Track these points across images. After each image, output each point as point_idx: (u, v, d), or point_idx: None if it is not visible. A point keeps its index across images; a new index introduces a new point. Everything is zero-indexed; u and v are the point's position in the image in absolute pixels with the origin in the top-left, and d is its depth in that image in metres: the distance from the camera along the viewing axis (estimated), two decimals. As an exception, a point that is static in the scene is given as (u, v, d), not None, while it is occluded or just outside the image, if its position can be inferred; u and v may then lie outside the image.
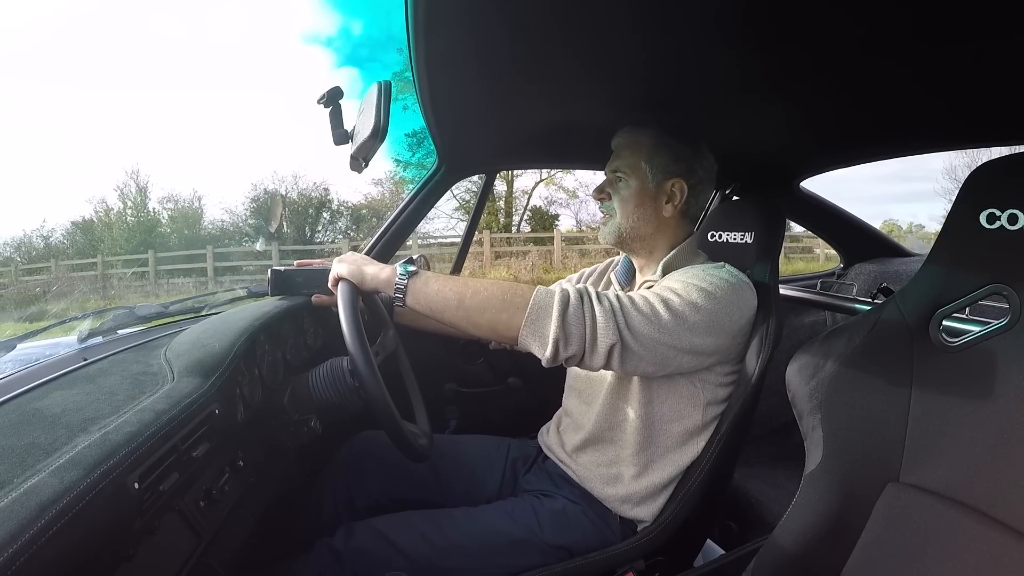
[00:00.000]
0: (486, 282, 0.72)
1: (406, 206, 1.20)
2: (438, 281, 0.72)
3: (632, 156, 0.87)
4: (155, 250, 11.23)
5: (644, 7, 0.53)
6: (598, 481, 0.87)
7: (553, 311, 0.67)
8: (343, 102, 0.83)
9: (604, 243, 0.93)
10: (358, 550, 0.76)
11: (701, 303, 0.73)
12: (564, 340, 0.67)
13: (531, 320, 0.68)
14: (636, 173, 0.87)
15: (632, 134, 0.89)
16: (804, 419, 0.68)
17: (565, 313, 0.67)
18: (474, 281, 0.72)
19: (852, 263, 1.74)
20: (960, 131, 0.93)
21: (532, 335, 0.68)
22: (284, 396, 0.75)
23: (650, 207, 0.88)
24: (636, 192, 0.87)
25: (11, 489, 0.36)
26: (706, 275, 0.77)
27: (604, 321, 0.68)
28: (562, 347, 0.67)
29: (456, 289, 0.71)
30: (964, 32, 0.55)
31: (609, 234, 0.91)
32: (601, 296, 0.71)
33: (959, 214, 0.57)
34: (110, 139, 27.35)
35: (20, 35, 29.42)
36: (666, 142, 0.87)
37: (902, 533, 0.56)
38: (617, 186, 0.89)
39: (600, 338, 0.67)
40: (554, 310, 0.67)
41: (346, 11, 36.88)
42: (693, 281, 0.76)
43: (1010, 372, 0.52)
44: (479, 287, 0.71)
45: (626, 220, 0.88)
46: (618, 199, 0.89)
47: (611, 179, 0.90)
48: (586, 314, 0.68)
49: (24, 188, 24.55)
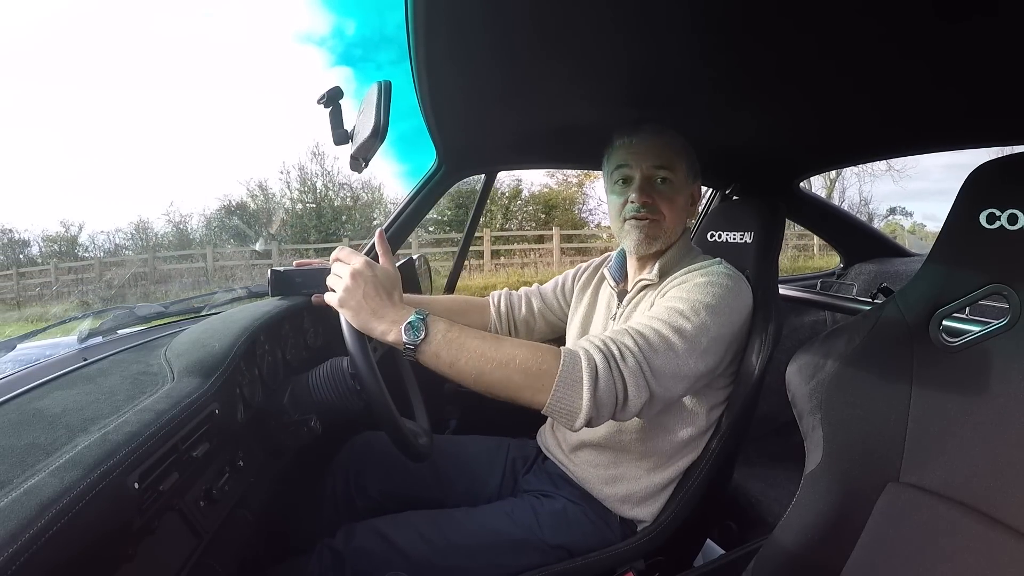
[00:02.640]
0: (505, 349, 0.63)
1: (405, 207, 1.20)
2: (450, 350, 0.63)
3: (673, 157, 0.84)
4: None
5: (645, 7, 0.53)
6: (598, 481, 0.87)
7: (584, 387, 0.61)
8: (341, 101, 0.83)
9: (638, 252, 0.87)
10: (358, 550, 0.76)
11: (710, 323, 0.71)
12: (596, 413, 0.63)
13: (558, 397, 0.62)
14: (678, 175, 0.85)
15: (661, 135, 0.84)
16: (804, 419, 0.68)
17: (596, 388, 0.62)
18: (491, 349, 0.63)
19: (852, 263, 1.74)
20: (960, 131, 0.93)
21: (560, 412, 0.62)
22: (284, 396, 0.75)
23: (684, 210, 0.88)
24: (682, 195, 0.86)
25: (11, 489, 0.36)
26: (708, 284, 0.75)
27: (634, 383, 0.64)
28: (594, 420, 0.63)
29: (474, 364, 0.62)
30: (965, 31, 0.55)
31: (654, 239, 0.85)
32: (624, 351, 0.65)
33: (959, 214, 0.57)
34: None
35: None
36: (687, 144, 0.87)
37: (902, 533, 0.56)
38: (660, 188, 0.84)
39: (632, 399, 0.64)
40: (584, 386, 0.61)
41: (340, 11, 36.97)
42: (698, 297, 0.73)
43: (1010, 372, 0.52)
44: (498, 358, 0.62)
45: (674, 225, 0.86)
46: (666, 203, 0.84)
47: (651, 177, 0.84)
48: (616, 383, 0.63)
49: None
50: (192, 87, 29.36)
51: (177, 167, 24.00)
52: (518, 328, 1.11)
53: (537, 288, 1.13)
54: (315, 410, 0.74)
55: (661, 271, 0.85)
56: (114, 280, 10.68)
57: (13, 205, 26.18)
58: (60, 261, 13.36)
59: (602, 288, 1.00)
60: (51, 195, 25.84)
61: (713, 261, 0.84)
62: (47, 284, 10.83)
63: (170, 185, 27.40)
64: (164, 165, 24.34)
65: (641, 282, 0.88)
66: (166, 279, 10.58)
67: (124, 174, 24.52)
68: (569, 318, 1.04)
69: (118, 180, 25.92)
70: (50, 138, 27.45)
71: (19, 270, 11.99)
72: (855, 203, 15.26)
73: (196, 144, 26.99)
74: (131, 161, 24.44)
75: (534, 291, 1.12)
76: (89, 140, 28.21)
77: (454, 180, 1.21)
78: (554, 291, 1.10)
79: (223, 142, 27.85)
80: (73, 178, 26.06)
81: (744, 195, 1.36)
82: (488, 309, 1.10)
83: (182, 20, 31.85)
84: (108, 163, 25.90)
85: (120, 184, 25.49)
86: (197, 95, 27.91)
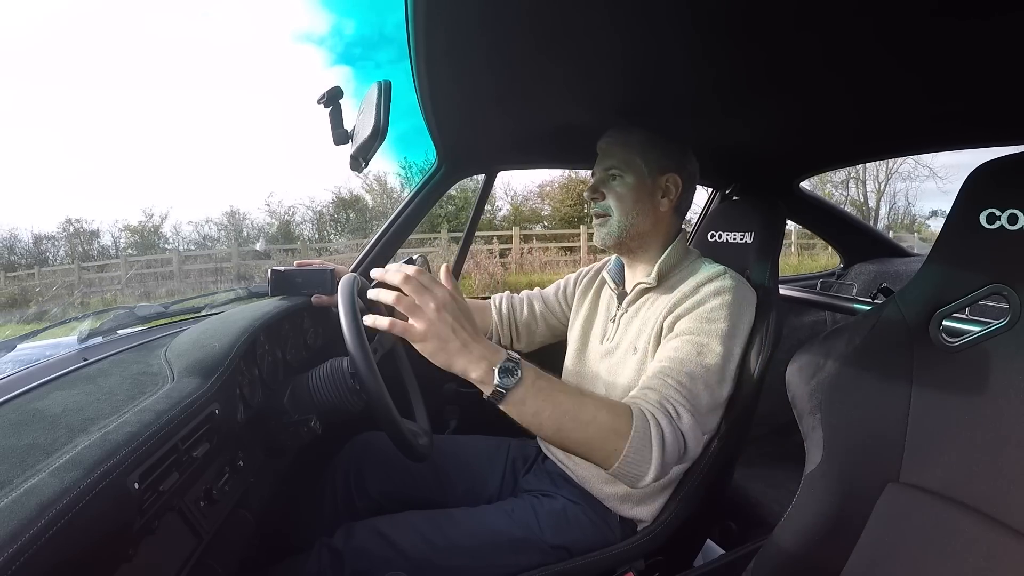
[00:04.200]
0: (588, 410, 0.64)
1: (406, 206, 1.20)
2: (537, 399, 0.62)
3: (625, 153, 0.87)
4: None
5: (644, 7, 0.53)
6: (597, 480, 0.87)
7: (653, 455, 0.64)
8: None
9: (601, 246, 0.91)
10: (358, 550, 0.76)
11: (732, 348, 0.76)
12: (662, 473, 0.65)
13: (628, 463, 0.64)
14: (632, 168, 0.86)
15: (620, 133, 0.88)
16: (804, 419, 0.68)
17: (664, 452, 0.64)
18: (576, 407, 0.63)
19: (852, 263, 1.74)
20: (960, 131, 0.93)
21: (626, 475, 0.65)
22: (284, 396, 0.75)
23: (648, 202, 0.87)
24: (633, 188, 0.86)
25: (11, 489, 0.36)
26: (722, 307, 0.76)
27: (693, 436, 0.68)
28: (659, 479, 0.66)
29: (556, 418, 0.62)
30: (964, 30, 0.55)
31: (608, 235, 0.89)
32: (680, 409, 0.68)
33: (959, 214, 0.57)
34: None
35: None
36: (655, 139, 0.87)
37: (902, 533, 0.56)
38: (611, 184, 0.88)
39: (691, 451, 0.69)
40: (654, 455, 0.64)
41: (339, 10, 37.04)
42: (717, 326, 0.75)
43: (1010, 372, 0.52)
44: (581, 418, 0.63)
45: (625, 217, 0.87)
46: (614, 197, 0.87)
47: (603, 177, 0.89)
48: (679, 443, 0.67)
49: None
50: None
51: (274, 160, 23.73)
52: (519, 330, 1.11)
53: (539, 291, 1.13)
54: (315, 410, 0.74)
55: (659, 274, 0.85)
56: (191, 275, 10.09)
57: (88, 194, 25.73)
58: (131, 255, 13.14)
59: (603, 291, 1.00)
60: (134, 183, 25.58)
61: (717, 270, 0.82)
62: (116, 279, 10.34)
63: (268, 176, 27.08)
64: (262, 156, 24.11)
65: (640, 285, 0.88)
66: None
67: (220, 162, 24.58)
68: (570, 321, 1.05)
69: (208, 169, 25.82)
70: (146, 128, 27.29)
71: (84, 264, 11.56)
72: (900, 208, 15.77)
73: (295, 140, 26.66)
74: (229, 149, 24.33)
75: (535, 294, 1.12)
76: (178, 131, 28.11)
77: (454, 180, 1.21)
78: (556, 294, 1.10)
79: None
80: (162, 166, 25.76)
81: (744, 195, 1.36)
82: (489, 311, 1.10)
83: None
84: (201, 151, 25.75)
85: (212, 173, 25.39)
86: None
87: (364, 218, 13.67)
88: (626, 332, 0.88)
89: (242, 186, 27.99)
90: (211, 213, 19.58)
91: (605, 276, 0.99)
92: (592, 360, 0.94)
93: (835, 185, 16.19)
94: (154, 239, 14.92)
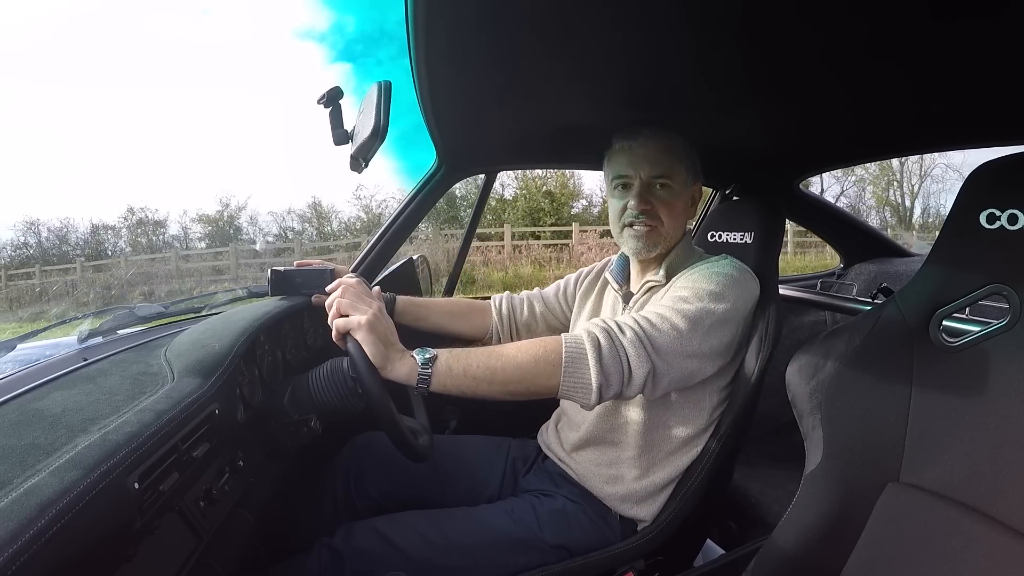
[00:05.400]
0: (510, 348, 0.68)
1: (405, 207, 1.20)
2: (460, 361, 0.67)
3: (671, 160, 0.85)
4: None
5: (644, 7, 0.53)
6: (598, 480, 0.87)
7: (589, 359, 0.66)
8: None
9: (638, 257, 0.89)
10: (358, 550, 0.76)
11: (713, 306, 0.74)
12: (606, 383, 0.67)
13: (568, 374, 0.66)
14: (677, 177, 0.85)
15: (663, 138, 0.85)
16: (804, 419, 0.68)
17: (600, 358, 0.67)
18: (497, 351, 0.68)
19: (852, 263, 1.74)
20: (960, 131, 0.93)
21: (573, 388, 0.67)
22: (284, 396, 0.75)
23: (687, 213, 0.88)
24: (681, 197, 0.86)
25: (11, 489, 0.36)
26: (712, 274, 0.78)
27: (635, 353, 0.68)
28: (604, 390, 0.67)
29: (484, 364, 0.67)
30: (964, 30, 0.55)
31: (653, 246, 0.86)
32: (623, 327, 0.70)
33: (959, 214, 0.57)
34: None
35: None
36: (687, 145, 0.87)
37: (902, 533, 0.56)
38: (658, 193, 0.85)
39: (635, 370, 0.68)
40: (590, 358, 0.66)
41: (340, 7, 37.06)
42: (702, 284, 0.76)
43: (1010, 372, 0.52)
44: (506, 356, 0.67)
45: (673, 230, 0.86)
46: (664, 207, 0.84)
47: (649, 184, 0.84)
48: (619, 351, 0.68)
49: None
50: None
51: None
52: (519, 331, 1.11)
53: (539, 291, 1.13)
54: (315, 410, 0.74)
55: (668, 272, 0.86)
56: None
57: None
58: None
59: (606, 292, 1.01)
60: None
61: (720, 256, 0.85)
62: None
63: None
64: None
65: (648, 283, 0.88)
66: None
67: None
68: (572, 321, 1.05)
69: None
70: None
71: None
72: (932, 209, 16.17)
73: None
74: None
75: (535, 294, 1.13)
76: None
77: (454, 180, 1.21)
78: (556, 295, 1.10)
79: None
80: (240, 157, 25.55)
81: (744, 195, 1.36)
82: (489, 312, 1.10)
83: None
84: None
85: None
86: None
87: (454, 207, 13.53)
88: None
89: (329, 180, 27.41)
90: (295, 204, 19.06)
91: (608, 277, 0.99)
92: None
93: (875, 184, 16.60)
94: (228, 230, 14.63)
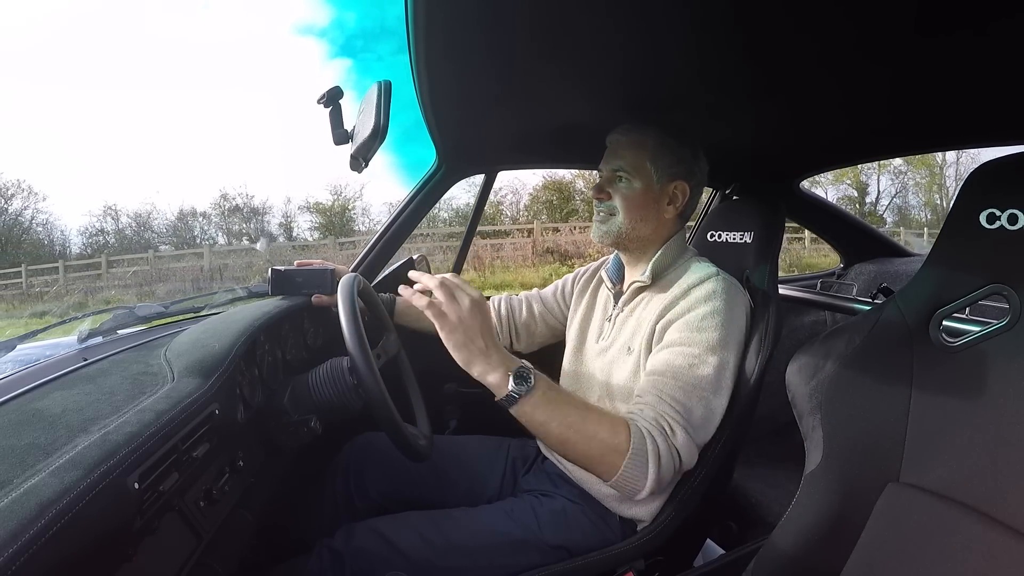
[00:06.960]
0: (591, 425, 0.69)
1: (405, 207, 1.20)
2: (547, 409, 0.67)
3: (636, 156, 0.86)
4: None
5: (644, 7, 0.53)
6: (597, 480, 0.86)
7: (649, 470, 0.68)
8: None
9: (599, 243, 0.91)
10: (358, 550, 0.76)
11: (724, 358, 0.76)
12: (658, 487, 0.70)
13: (626, 477, 0.68)
14: (641, 174, 0.86)
15: (634, 133, 0.86)
16: (804, 419, 0.68)
17: (659, 468, 0.69)
18: (580, 420, 0.68)
19: (852, 263, 1.74)
20: (960, 131, 0.93)
21: (623, 487, 0.70)
22: (284, 396, 0.75)
23: (653, 209, 0.87)
24: (641, 193, 0.86)
25: (11, 489, 0.36)
26: (711, 315, 0.77)
27: (687, 451, 0.72)
28: (656, 493, 0.72)
29: (562, 429, 0.68)
30: (963, 30, 0.55)
31: (606, 234, 0.89)
32: (674, 426, 0.71)
33: (959, 214, 0.57)
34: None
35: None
36: (668, 143, 0.86)
37: (902, 533, 0.56)
38: (618, 186, 0.87)
39: (686, 463, 0.73)
40: (650, 470, 0.68)
41: (340, 3, 37.00)
42: (708, 336, 0.75)
43: (1010, 372, 0.52)
44: (584, 432, 0.68)
45: (628, 222, 0.86)
46: (620, 199, 0.87)
47: (611, 177, 0.88)
48: (674, 459, 0.71)
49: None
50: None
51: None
52: (519, 331, 1.11)
53: (537, 292, 1.13)
54: (315, 410, 0.74)
55: (653, 273, 0.85)
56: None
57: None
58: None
59: (600, 290, 1.00)
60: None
61: (708, 272, 0.82)
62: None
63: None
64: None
65: (635, 284, 0.88)
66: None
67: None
68: (568, 320, 1.05)
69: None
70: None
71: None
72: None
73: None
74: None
75: (534, 295, 1.13)
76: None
77: (454, 180, 1.21)
78: (554, 295, 1.10)
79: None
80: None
81: (744, 195, 1.36)
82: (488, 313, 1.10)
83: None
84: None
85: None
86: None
87: (563, 197, 13.62)
88: (621, 331, 0.88)
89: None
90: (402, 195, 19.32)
91: (603, 275, 0.99)
92: (589, 359, 0.94)
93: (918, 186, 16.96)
94: (341, 221, 14.39)
